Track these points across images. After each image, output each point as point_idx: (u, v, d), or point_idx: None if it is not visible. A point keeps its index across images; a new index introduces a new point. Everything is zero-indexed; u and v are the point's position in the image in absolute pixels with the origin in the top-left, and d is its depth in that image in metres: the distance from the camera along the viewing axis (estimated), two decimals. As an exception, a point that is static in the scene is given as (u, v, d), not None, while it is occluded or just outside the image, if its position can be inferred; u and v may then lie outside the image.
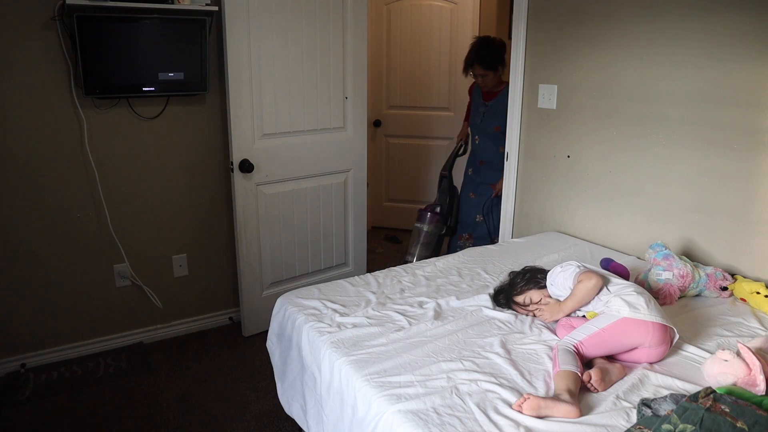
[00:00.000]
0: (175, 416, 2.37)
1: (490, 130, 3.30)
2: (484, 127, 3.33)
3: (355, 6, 3.02)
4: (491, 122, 3.28)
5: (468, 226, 3.48)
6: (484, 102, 3.32)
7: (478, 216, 3.41)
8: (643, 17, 2.27)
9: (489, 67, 3.19)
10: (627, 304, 1.61)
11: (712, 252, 2.20)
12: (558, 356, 1.51)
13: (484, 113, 3.31)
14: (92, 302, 2.78)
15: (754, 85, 1.98)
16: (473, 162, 3.46)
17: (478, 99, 3.37)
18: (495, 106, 3.25)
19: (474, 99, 3.43)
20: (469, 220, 3.47)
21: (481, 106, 3.34)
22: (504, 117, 3.16)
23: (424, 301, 1.96)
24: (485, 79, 3.23)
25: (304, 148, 3.04)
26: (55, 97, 2.50)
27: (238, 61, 2.69)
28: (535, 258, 2.38)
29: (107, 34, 2.44)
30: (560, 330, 1.73)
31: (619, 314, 1.59)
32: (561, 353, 1.52)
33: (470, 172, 3.48)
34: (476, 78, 3.28)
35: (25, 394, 2.48)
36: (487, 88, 3.29)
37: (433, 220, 3.49)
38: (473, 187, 3.45)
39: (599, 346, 1.57)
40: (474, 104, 3.43)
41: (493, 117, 3.26)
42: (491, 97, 3.29)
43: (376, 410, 1.41)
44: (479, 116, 3.34)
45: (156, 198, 2.84)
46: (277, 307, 2.03)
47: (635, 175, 2.42)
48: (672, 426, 1.19)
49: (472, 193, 3.45)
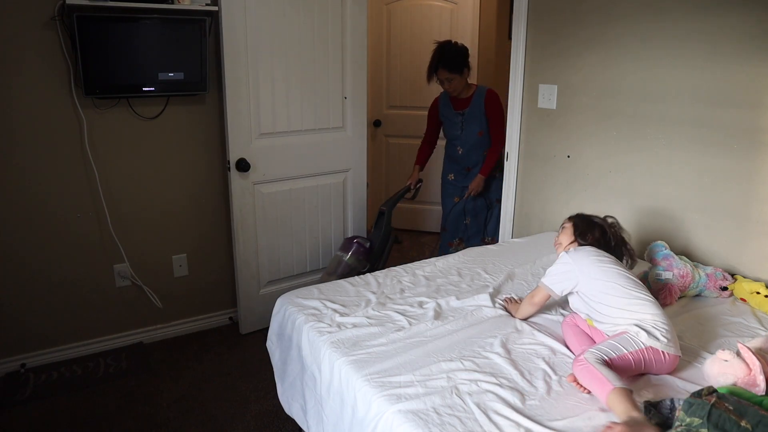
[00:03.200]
0: (175, 416, 2.37)
1: (473, 138, 3.21)
2: (466, 137, 3.22)
3: (354, 6, 3.02)
4: (472, 129, 3.19)
5: (458, 231, 3.39)
6: (457, 112, 3.21)
7: (466, 219, 3.35)
8: (643, 17, 2.27)
9: (454, 70, 3.05)
10: (645, 332, 1.52)
11: (712, 252, 2.20)
12: (603, 372, 1.39)
13: (462, 123, 3.20)
14: (92, 302, 2.78)
15: (754, 85, 1.98)
16: (455, 168, 3.34)
17: (449, 111, 3.25)
18: (472, 111, 3.16)
19: (445, 112, 3.28)
20: (458, 225, 3.38)
21: (455, 117, 3.22)
22: (484, 119, 3.15)
23: (424, 301, 1.96)
24: (452, 83, 3.09)
25: (302, 147, 3.04)
26: (55, 97, 2.50)
27: (235, 60, 2.69)
28: (535, 258, 2.38)
29: (107, 34, 2.44)
30: (565, 328, 1.73)
31: (639, 340, 1.51)
32: (605, 369, 1.40)
33: (451, 177, 3.37)
34: (442, 84, 3.13)
35: (25, 394, 2.48)
36: (456, 92, 3.15)
37: (358, 252, 3.06)
38: (457, 191, 3.34)
39: (624, 370, 1.47)
40: (446, 117, 3.28)
41: (472, 123, 3.18)
42: (465, 105, 3.18)
43: (376, 410, 1.41)
44: (457, 128, 3.23)
45: (156, 198, 2.84)
46: (277, 307, 2.03)
47: (635, 175, 2.42)
48: (679, 422, 1.19)
49: (456, 197, 3.35)
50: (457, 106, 3.21)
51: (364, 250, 3.08)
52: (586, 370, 1.42)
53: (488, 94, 3.15)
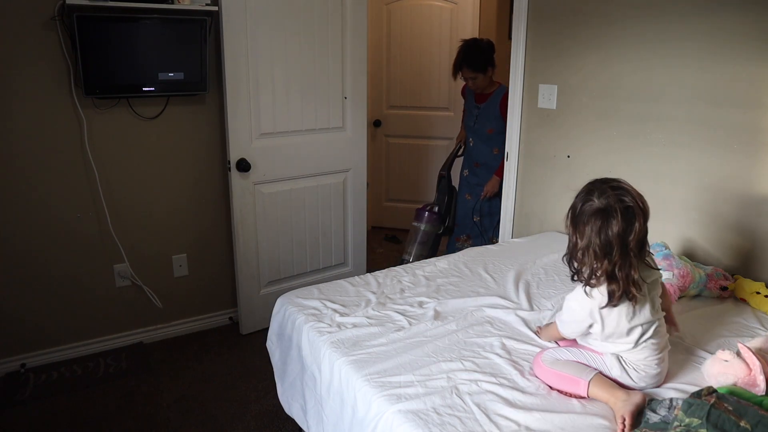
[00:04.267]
0: (175, 416, 2.37)
1: (483, 133, 3.30)
2: (477, 130, 3.33)
3: (354, 6, 3.02)
4: (484, 125, 3.28)
5: (466, 227, 3.48)
6: (476, 105, 3.31)
7: (475, 217, 3.42)
8: (643, 17, 2.27)
9: (477, 69, 3.15)
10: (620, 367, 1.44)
11: (712, 252, 2.20)
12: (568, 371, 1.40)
13: (477, 116, 3.31)
14: (92, 302, 2.78)
15: (754, 85, 1.98)
16: (469, 164, 3.46)
17: (471, 101, 3.37)
18: (487, 108, 3.25)
19: (467, 101, 3.42)
20: (467, 222, 3.47)
21: (474, 109, 3.33)
22: (496, 119, 3.19)
23: (424, 301, 1.96)
24: (475, 81, 3.20)
25: (302, 147, 3.04)
26: (55, 97, 2.50)
27: (235, 60, 2.69)
28: (535, 258, 2.38)
29: (107, 34, 2.44)
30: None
31: (608, 368, 1.45)
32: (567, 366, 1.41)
33: (466, 173, 3.48)
34: (466, 81, 3.26)
35: (25, 394, 2.48)
36: (479, 89, 3.27)
37: (431, 219, 3.49)
38: (469, 188, 3.45)
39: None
40: (468, 106, 3.42)
41: (485, 119, 3.26)
42: (483, 100, 3.28)
43: (376, 410, 1.41)
44: (473, 119, 3.34)
45: (156, 198, 2.84)
46: (277, 306, 2.03)
47: (635, 175, 2.41)
48: (678, 422, 1.19)
49: (468, 194, 3.45)
50: (478, 99, 3.31)
51: (435, 216, 3.50)
52: (551, 374, 1.44)
53: (505, 94, 3.15)
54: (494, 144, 3.27)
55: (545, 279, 2.19)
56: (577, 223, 1.40)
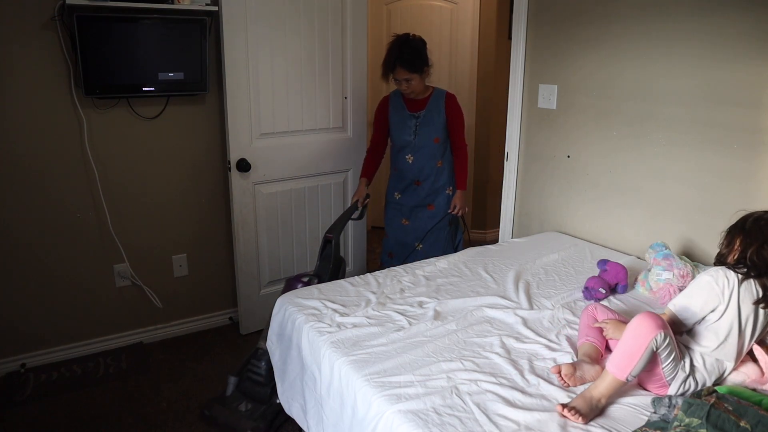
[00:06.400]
0: (175, 416, 2.37)
1: (428, 144, 2.82)
2: (419, 143, 2.82)
3: (354, 6, 3.02)
4: (429, 134, 2.81)
5: (404, 258, 2.91)
6: (412, 114, 2.81)
7: (417, 244, 2.92)
8: (643, 17, 2.27)
9: (414, 69, 2.67)
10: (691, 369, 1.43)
11: (712, 252, 2.19)
12: (640, 359, 1.36)
13: (416, 127, 2.81)
14: (92, 302, 2.78)
15: (755, 85, 1.98)
16: (401, 185, 2.94)
17: (401, 113, 2.84)
18: (429, 115, 2.80)
19: (394, 117, 2.87)
20: (405, 251, 2.95)
21: (408, 120, 2.82)
22: (443, 127, 2.82)
23: (424, 301, 1.96)
24: (410, 83, 2.70)
25: (302, 147, 3.04)
26: (55, 97, 2.50)
27: (235, 61, 2.69)
28: (535, 258, 2.38)
29: (107, 34, 2.44)
30: (584, 315, 1.71)
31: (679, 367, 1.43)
32: (644, 359, 1.37)
33: (398, 197, 2.96)
34: (399, 84, 2.74)
35: (25, 394, 2.48)
36: (414, 94, 2.78)
37: None
38: (406, 212, 2.95)
39: (651, 372, 1.43)
40: (396, 119, 2.86)
41: (429, 128, 2.80)
42: (420, 107, 2.80)
43: (376, 410, 1.41)
44: (410, 132, 2.82)
45: (156, 198, 2.84)
46: (277, 306, 2.03)
47: (635, 175, 2.41)
48: (678, 422, 1.19)
49: (404, 219, 2.96)
50: (412, 107, 2.82)
51: None
52: (640, 338, 1.35)
53: (449, 97, 2.82)
54: (440, 155, 2.85)
55: (545, 279, 2.19)
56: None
